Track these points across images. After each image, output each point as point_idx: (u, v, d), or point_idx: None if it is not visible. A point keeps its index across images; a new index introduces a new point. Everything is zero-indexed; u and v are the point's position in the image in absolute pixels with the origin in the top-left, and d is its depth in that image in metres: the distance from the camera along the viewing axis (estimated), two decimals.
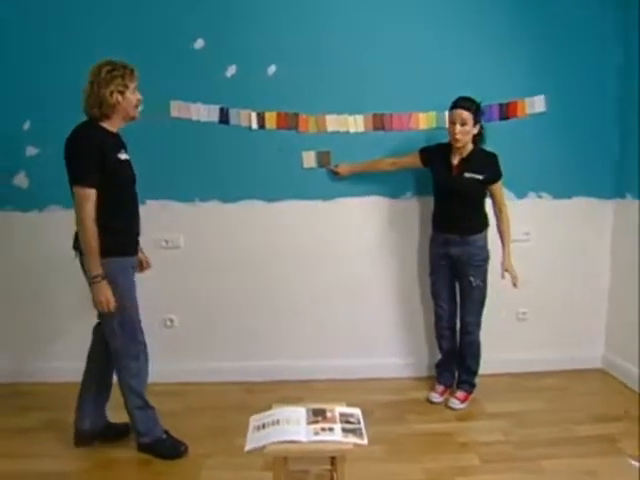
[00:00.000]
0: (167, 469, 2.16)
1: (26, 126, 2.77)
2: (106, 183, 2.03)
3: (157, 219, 2.75)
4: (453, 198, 2.50)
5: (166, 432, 2.27)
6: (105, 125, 2.09)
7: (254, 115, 2.82)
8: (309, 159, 2.85)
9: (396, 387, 2.81)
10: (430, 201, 2.69)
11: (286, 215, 2.88)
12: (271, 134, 2.82)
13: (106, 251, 2.05)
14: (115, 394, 2.27)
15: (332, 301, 2.95)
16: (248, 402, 2.64)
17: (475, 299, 2.57)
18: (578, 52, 2.82)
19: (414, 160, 2.66)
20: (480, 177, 2.45)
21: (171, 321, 2.96)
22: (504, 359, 2.92)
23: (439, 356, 2.78)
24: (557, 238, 2.92)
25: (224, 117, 2.82)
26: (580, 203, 2.93)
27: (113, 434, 2.34)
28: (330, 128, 2.82)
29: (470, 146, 2.47)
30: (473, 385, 2.67)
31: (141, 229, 2.29)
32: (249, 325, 2.96)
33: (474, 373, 2.65)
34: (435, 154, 2.59)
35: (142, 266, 2.41)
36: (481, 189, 2.49)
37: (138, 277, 2.34)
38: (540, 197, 2.90)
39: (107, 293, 2.05)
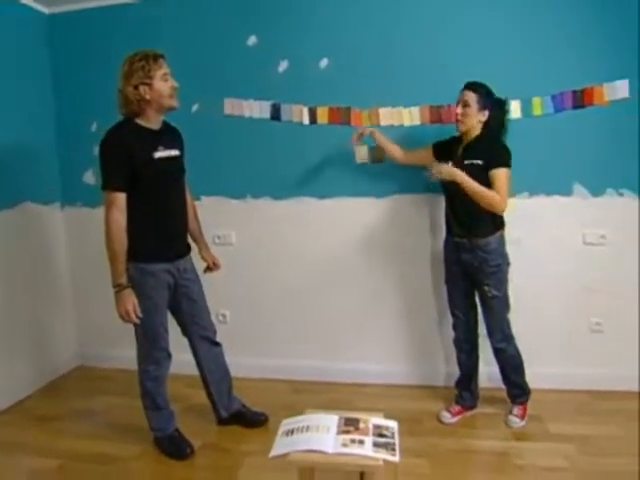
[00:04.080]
0: (206, 462, 2.19)
1: (93, 127, 2.95)
2: (134, 185, 1.92)
3: (211, 215, 2.78)
4: (456, 193, 2.22)
5: (177, 430, 2.26)
6: (141, 122, 1.96)
7: (306, 110, 2.77)
8: (361, 154, 2.73)
9: (452, 396, 2.60)
10: None
11: (337, 212, 2.81)
12: (323, 129, 2.76)
13: (131, 256, 1.97)
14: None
15: (386, 302, 2.83)
16: (294, 402, 2.61)
17: (495, 312, 2.29)
18: None
19: (426, 154, 2.43)
20: (480, 162, 2.15)
21: (224, 316, 3.01)
22: (574, 374, 2.64)
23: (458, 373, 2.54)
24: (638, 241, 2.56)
25: (276, 113, 2.80)
26: None
27: (246, 420, 2.42)
28: (384, 122, 2.70)
29: (476, 133, 2.23)
30: (526, 393, 2.41)
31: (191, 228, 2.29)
32: (299, 323, 2.93)
33: (521, 384, 2.40)
34: (445, 147, 2.37)
35: (209, 267, 2.39)
36: (485, 179, 2.14)
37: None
38: (621, 195, 2.54)
39: (128, 304, 1.94)
